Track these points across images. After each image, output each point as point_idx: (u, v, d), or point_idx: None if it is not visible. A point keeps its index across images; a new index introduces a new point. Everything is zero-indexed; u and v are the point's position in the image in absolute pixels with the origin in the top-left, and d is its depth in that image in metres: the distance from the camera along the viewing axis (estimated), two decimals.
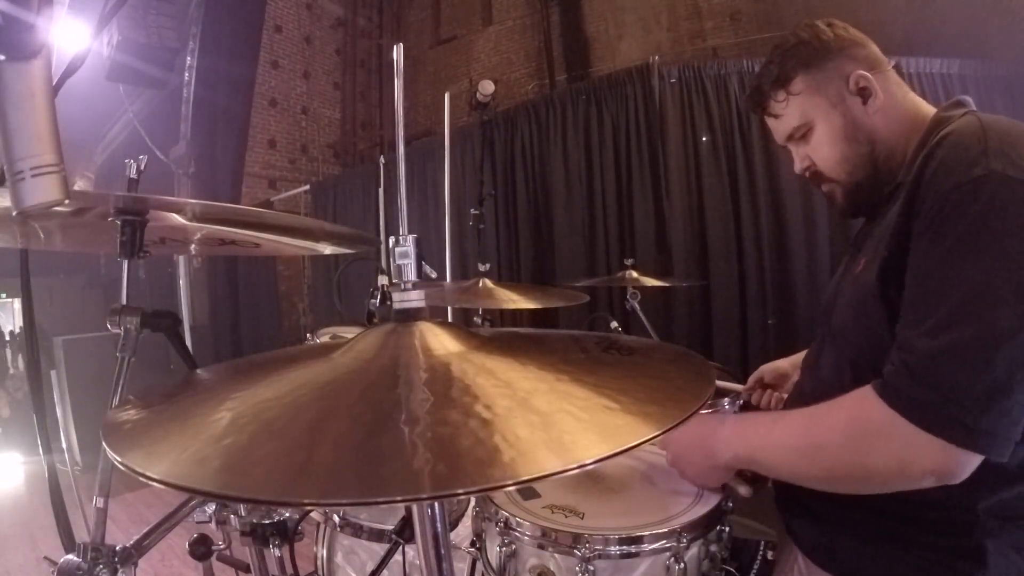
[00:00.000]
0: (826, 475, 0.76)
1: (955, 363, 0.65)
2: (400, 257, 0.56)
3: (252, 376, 0.59)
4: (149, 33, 4.62)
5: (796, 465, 0.79)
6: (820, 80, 0.89)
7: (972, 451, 0.65)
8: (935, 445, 0.65)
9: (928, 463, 0.67)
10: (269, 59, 7.23)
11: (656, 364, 0.58)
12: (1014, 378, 0.63)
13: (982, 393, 0.63)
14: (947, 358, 0.65)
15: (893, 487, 0.71)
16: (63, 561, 0.67)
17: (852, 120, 0.88)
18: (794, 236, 2.99)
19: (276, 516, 1.01)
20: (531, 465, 0.36)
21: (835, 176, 0.92)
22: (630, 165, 3.36)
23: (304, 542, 1.08)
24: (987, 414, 0.63)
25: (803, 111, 0.91)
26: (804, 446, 0.77)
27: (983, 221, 0.65)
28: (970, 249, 0.66)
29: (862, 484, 0.74)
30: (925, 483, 0.68)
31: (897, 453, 0.68)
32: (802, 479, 0.79)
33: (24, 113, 0.45)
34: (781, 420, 0.84)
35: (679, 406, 0.44)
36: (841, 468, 0.74)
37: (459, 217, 3.28)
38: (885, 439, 0.69)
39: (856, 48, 0.90)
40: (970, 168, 0.67)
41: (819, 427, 0.76)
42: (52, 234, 0.98)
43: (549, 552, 0.82)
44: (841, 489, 0.77)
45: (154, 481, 0.36)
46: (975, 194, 0.66)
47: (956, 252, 0.66)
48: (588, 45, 6.67)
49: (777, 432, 0.81)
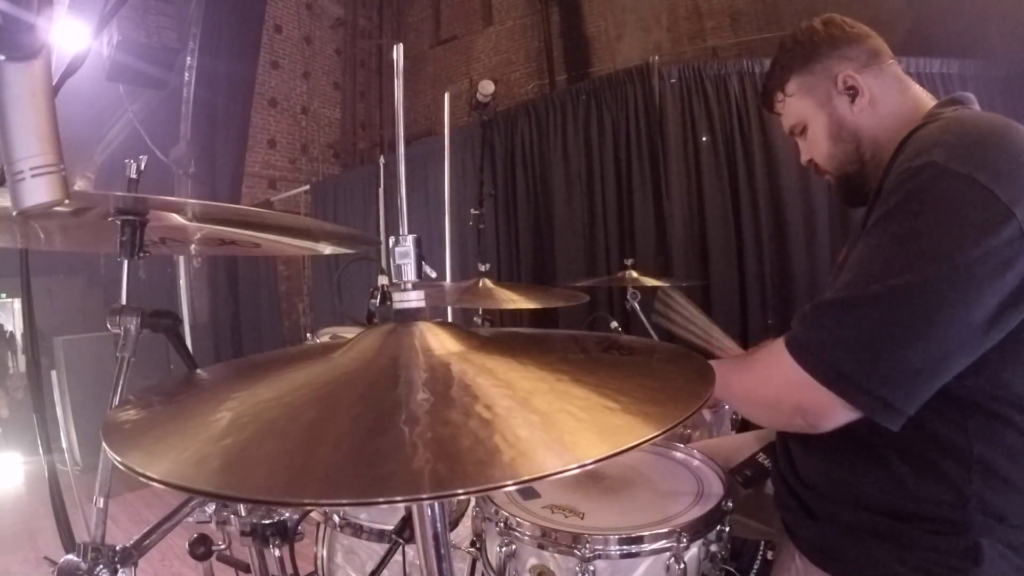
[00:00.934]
0: (747, 405, 0.90)
1: (834, 312, 0.74)
2: (400, 257, 0.56)
3: (252, 376, 0.59)
4: (149, 33, 4.61)
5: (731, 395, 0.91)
6: (810, 82, 0.94)
7: (835, 394, 0.71)
8: (803, 378, 0.73)
9: (796, 396, 0.75)
10: (269, 59, 7.23)
11: (656, 364, 0.58)
12: (882, 335, 0.68)
13: (849, 341, 0.71)
14: (830, 307, 0.74)
15: (783, 419, 0.83)
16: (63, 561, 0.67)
17: (837, 119, 0.92)
18: (794, 236, 2.99)
19: (276, 516, 1.01)
20: (531, 465, 0.36)
21: (828, 170, 0.98)
22: (630, 165, 3.36)
23: (304, 542, 1.08)
24: (851, 361, 0.70)
25: (797, 111, 0.97)
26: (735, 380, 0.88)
27: (903, 202, 0.70)
28: (887, 224, 0.72)
29: (767, 414, 0.88)
30: (797, 421, 0.77)
31: (778, 383, 0.79)
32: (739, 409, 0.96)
33: (24, 113, 0.45)
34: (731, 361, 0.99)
35: (679, 406, 0.44)
36: (753, 398, 0.87)
37: (459, 217, 3.28)
38: (774, 369, 0.79)
39: (851, 45, 0.92)
40: (915, 158, 0.72)
41: (746, 365, 0.90)
42: (52, 234, 0.98)
43: (549, 552, 0.82)
44: (759, 419, 0.92)
45: (154, 481, 0.36)
46: (908, 179, 0.71)
47: (877, 226, 0.73)
48: (588, 45, 6.67)
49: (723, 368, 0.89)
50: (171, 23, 4.75)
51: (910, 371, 0.68)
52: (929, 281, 0.67)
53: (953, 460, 0.73)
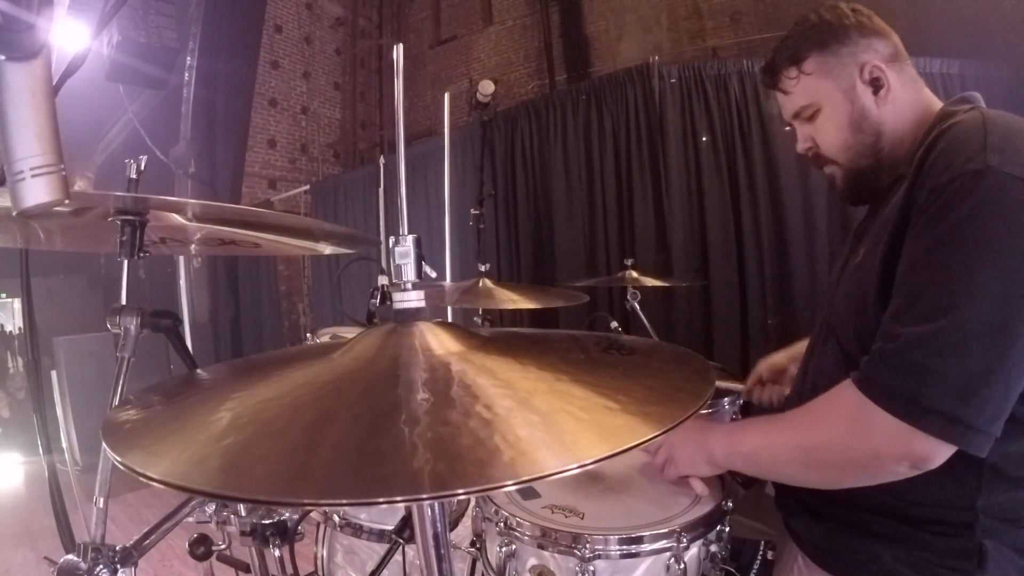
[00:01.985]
0: (813, 472, 0.78)
1: (930, 351, 0.65)
2: (400, 257, 0.56)
3: (252, 376, 0.59)
4: (149, 33, 4.62)
5: (785, 464, 0.80)
6: (833, 64, 0.89)
7: (946, 441, 0.65)
8: (906, 433, 0.66)
9: (901, 451, 0.67)
10: (269, 59, 7.22)
11: (656, 364, 0.58)
12: (992, 371, 0.63)
13: (957, 382, 0.63)
14: (922, 346, 0.65)
15: (875, 478, 0.72)
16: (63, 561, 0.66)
17: (860, 109, 0.88)
18: (794, 236, 2.99)
19: (276, 516, 1.01)
20: (531, 465, 0.36)
21: (837, 159, 0.92)
22: (630, 165, 3.36)
23: (304, 542, 1.08)
24: (963, 404, 0.63)
25: (812, 91, 0.91)
26: (792, 446, 0.78)
27: (973, 215, 0.66)
28: (958, 242, 0.66)
29: (844, 477, 0.75)
30: (902, 470, 0.69)
31: (872, 442, 0.69)
32: (792, 479, 0.81)
33: (24, 113, 0.45)
34: (772, 421, 0.85)
35: (679, 406, 0.44)
36: (825, 463, 0.75)
37: (459, 217, 3.28)
38: (860, 428, 0.70)
39: (876, 38, 0.89)
40: (967, 162, 0.68)
41: (804, 426, 0.78)
42: (52, 234, 0.98)
43: (549, 552, 0.82)
44: (829, 484, 0.78)
45: (154, 481, 0.36)
46: (969, 188, 0.66)
47: (944, 244, 0.67)
48: (588, 45, 6.67)
49: (768, 433, 0.83)
50: (171, 23, 4.76)
51: (1010, 398, 0.65)
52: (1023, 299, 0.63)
53: (961, 460, 0.70)
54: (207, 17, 5.54)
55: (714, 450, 0.87)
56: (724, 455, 0.86)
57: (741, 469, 0.87)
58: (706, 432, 0.90)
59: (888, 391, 0.67)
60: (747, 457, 0.84)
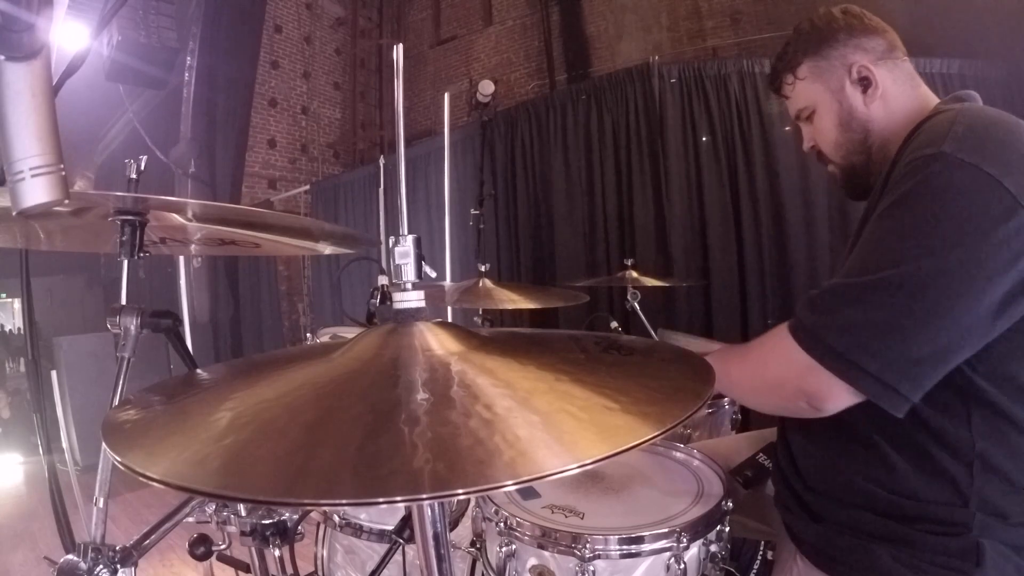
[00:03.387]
0: (752, 395, 0.91)
1: (840, 298, 0.73)
2: (400, 257, 0.56)
3: (252, 376, 0.59)
4: (149, 33, 4.61)
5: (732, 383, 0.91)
6: (823, 67, 0.93)
7: (839, 377, 0.71)
8: (806, 365, 0.73)
9: (801, 379, 0.75)
10: (269, 59, 7.22)
11: (656, 364, 0.58)
12: (893, 326, 0.68)
13: (856, 328, 0.70)
14: (836, 293, 0.74)
15: (786, 406, 0.82)
16: (63, 561, 0.67)
17: (849, 108, 0.92)
18: (794, 235, 2.99)
19: (276, 516, 1.01)
20: (531, 465, 0.36)
21: (833, 158, 0.97)
22: (630, 165, 3.36)
23: (304, 542, 1.08)
24: (858, 349, 0.69)
25: (807, 95, 0.96)
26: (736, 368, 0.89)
27: (913, 191, 0.71)
28: (894, 214, 0.72)
29: (767, 401, 0.87)
30: (802, 405, 0.76)
31: (780, 367, 0.79)
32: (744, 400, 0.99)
33: (24, 113, 0.45)
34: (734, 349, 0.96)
35: (679, 406, 0.44)
36: (755, 384, 0.87)
37: (459, 217, 3.28)
38: (777, 357, 0.80)
39: (867, 37, 0.91)
40: (925, 148, 0.72)
41: (748, 352, 0.89)
42: (52, 234, 0.98)
43: (549, 552, 0.82)
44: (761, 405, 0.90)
45: (154, 481, 0.36)
46: (918, 169, 0.71)
47: (883, 216, 0.73)
48: (588, 45, 6.67)
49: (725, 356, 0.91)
50: (171, 23, 4.75)
51: (917, 358, 0.68)
52: (939, 270, 0.67)
53: (955, 457, 0.73)
54: (207, 17, 5.54)
55: None
56: None
57: (719, 389, 0.96)
58: None
59: (800, 325, 0.75)
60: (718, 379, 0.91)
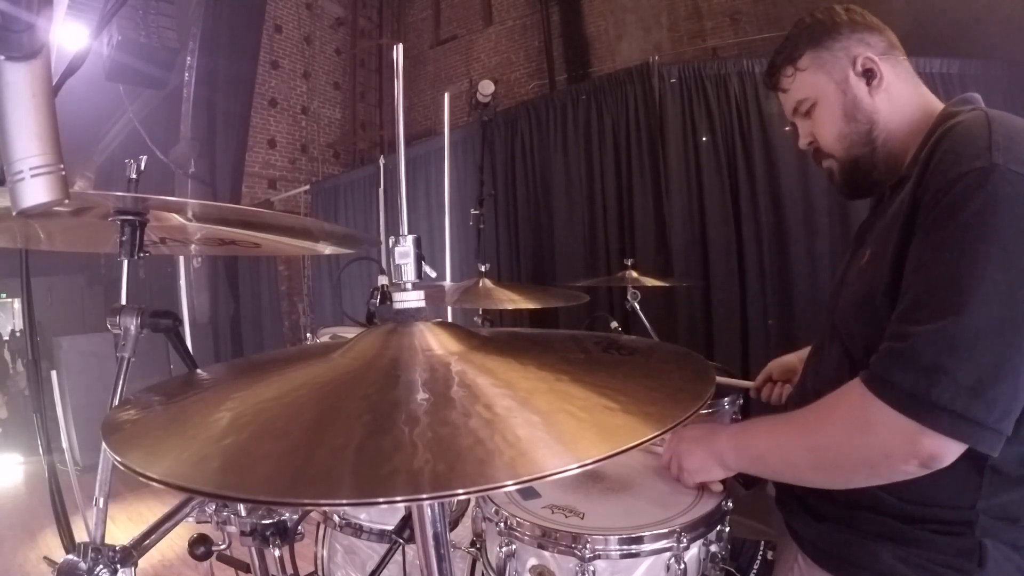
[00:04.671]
0: (823, 473, 0.78)
1: (940, 349, 0.65)
2: (400, 257, 0.56)
3: (252, 376, 0.59)
4: (149, 33, 4.61)
5: (795, 466, 0.81)
6: (826, 58, 0.92)
7: (956, 439, 0.65)
8: (916, 431, 0.66)
9: (910, 450, 0.67)
10: (269, 59, 7.23)
11: (656, 364, 0.58)
12: (1001, 368, 0.63)
13: (967, 380, 0.63)
14: (933, 344, 0.65)
15: (884, 477, 0.71)
16: (63, 561, 0.66)
17: (853, 99, 0.90)
18: (794, 236, 2.99)
19: (276, 516, 1.01)
20: (531, 465, 0.36)
21: (833, 151, 0.94)
22: (630, 165, 3.36)
23: (304, 542, 1.08)
24: (974, 402, 0.63)
25: (808, 86, 0.94)
26: (802, 447, 0.78)
27: (981, 212, 0.66)
28: (966, 239, 0.66)
29: (855, 478, 0.75)
30: (912, 469, 0.69)
31: (881, 441, 0.69)
32: (804, 480, 0.81)
33: (24, 113, 0.45)
34: (780, 422, 0.85)
35: (679, 406, 0.44)
36: (835, 464, 0.75)
37: (459, 217, 3.28)
38: (871, 429, 0.69)
39: (869, 33, 0.91)
40: (974, 159, 0.68)
41: (812, 426, 0.78)
42: (52, 234, 0.98)
43: (549, 552, 0.82)
44: (840, 484, 0.77)
45: (154, 481, 0.36)
46: (977, 185, 0.66)
47: (953, 242, 0.67)
48: (588, 45, 6.67)
49: (776, 435, 0.83)
50: (171, 23, 4.75)
51: (1020, 397, 0.65)
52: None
53: (968, 461, 0.70)
54: (207, 17, 5.54)
55: (724, 454, 0.87)
56: (735, 458, 0.86)
57: (752, 471, 0.87)
58: (713, 436, 0.90)
59: (898, 389, 0.67)
60: (757, 460, 0.85)
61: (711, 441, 0.89)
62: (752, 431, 0.88)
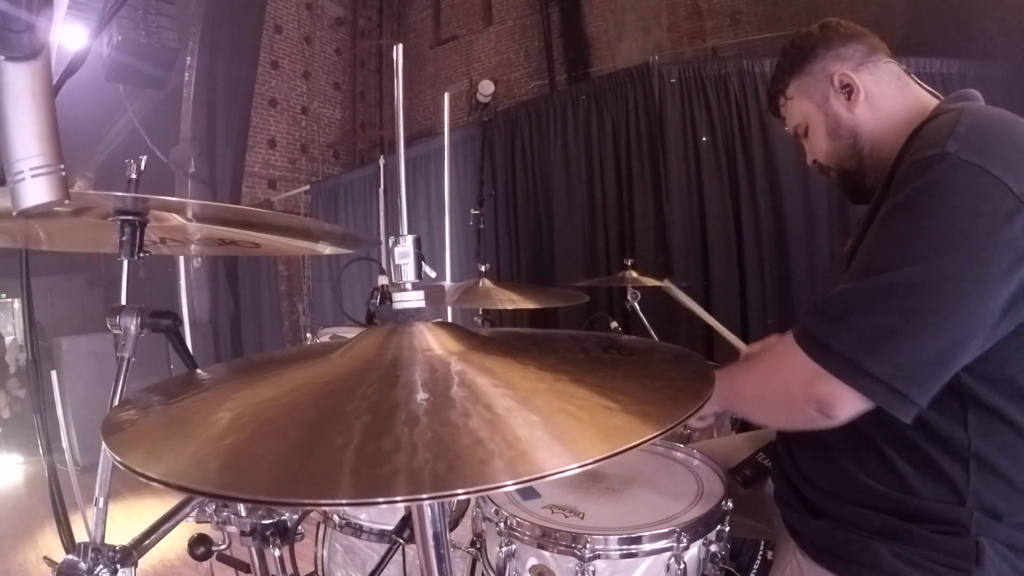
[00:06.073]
0: (757, 407, 0.89)
1: (846, 304, 0.72)
2: (400, 257, 0.56)
3: (252, 376, 0.59)
4: (149, 33, 4.61)
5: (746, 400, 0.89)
6: (808, 83, 0.97)
7: (847, 384, 0.70)
8: (814, 373, 0.72)
9: (810, 389, 0.73)
10: (269, 59, 7.23)
11: (656, 364, 0.58)
12: (900, 329, 0.67)
13: (863, 333, 0.69)
14: (843, 299, 0.73)
15: (798, 419, 0.80)
16: (63, 561, 0.66)
17: (834, 117, 0.94)
18: (794, 236, 2.99)
19: (276, 516, 1.01)
20: (531, 465, 0.36)
21: (829, 166, 0.99)
22: (630, 165, 3.36)
23: (304, 542, 1.08)
24: (867, 354, 0.69)
25: (797, 112, 1.00)
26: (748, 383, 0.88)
27: (918, 191, 0.70)
28: (899, 215, 0.72)
29: (777, 413, 0.85)
30: (812, 412, 0.74)
31: (790, 379, 0.77)
32: (751, 415, 0.92)
33: (24, 113, 0.45)
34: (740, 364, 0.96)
35: (679, 406, 0.44)
36: (763, 398, 0.86)
37: (459, 217, 3.28)
38: (784, 367, 0.79)
39: (845, 45, 0.94)
40: (929, 148, 0.72)
41: (753, 364, 0.89)
42: (52, 234, 0.98)
43: (549, 552, 0.82)
44: (772, 422, 0.91)
45: (154, 481, 0.36)
46: (923, 170, 0.71)
47: (888, 216, 0.73)
48: (588, 45, 6.68)
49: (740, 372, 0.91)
50: (171, 23, 4.75)
51: (925, 362, 0.68)
52: (945, 272, 0.66)
53: (951, 456, 0.73)
54: (207, 17, 5.54)
55: None
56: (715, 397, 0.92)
57: (727, 406, 0.93)
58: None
59: (808, 334, 0.74)
60: (724, 396, 0.90)
61: None
62: (729, 370, 0.93)
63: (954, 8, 3.42)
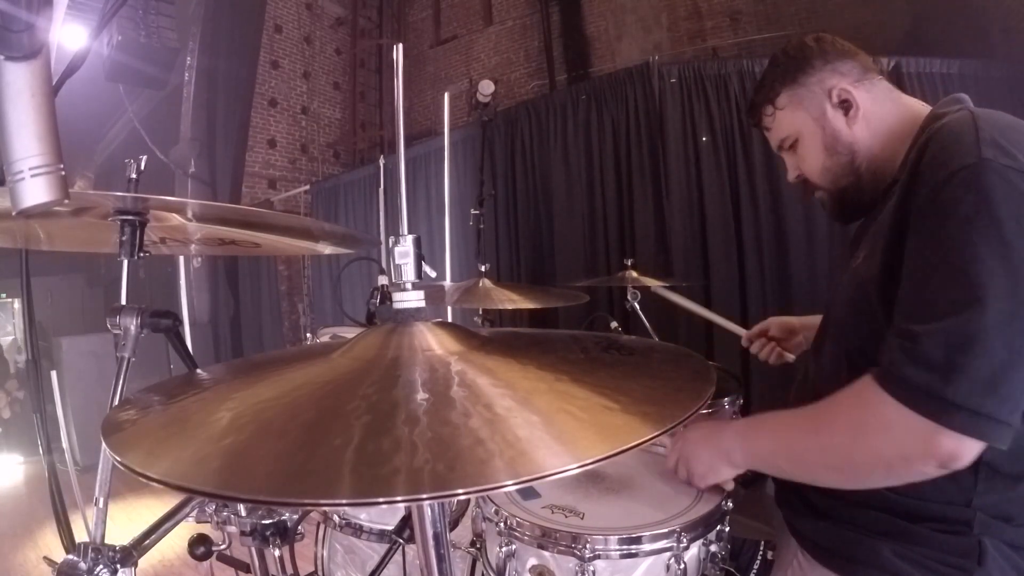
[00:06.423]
0: (836, 473, 0.76)
1: (952, 346, 0.64)
2: (400, 257, 0.56)
3: (252, 376, 0.59)
4: (149, 33, 4.62)
5: (807, 466, 0.79)
6: (803, 95, 0.93)
7: (974, 437, 0.64)
8: (933, 431, 0.65)
9: (928, 450, 0.66)
10: (269, 59, 7.23)
11: (656, 364, 0.58)
12: (1012, 362, 0.63)
13: (982, 376, 0.63)
14: (944, 341, 0.65)
15: (902, 477, 0.71)
16: (63, 561, 0.66)
17: (832, 133, 0.91)
18: (794, 236, 2.99)
19: (276, 516, 1.01)
20: (531, 465, 0.36)
21: (822, 184, 0.95)
22: (630, 165, 3.35)
23: (304, 542, 1.08)
24: (988, 398, 0.63)
25: (788, 124, 0.96)
26: (814, 447, 0.77)
27: (978, 209, 0.66)
28: (967, 237, 0.66)
29: (870, 477, 0.74)
30: (929, 470, 0.68)
31: (899, 442, 0.68)
32: (816, 479, 0.80)
33: (24, 113, 0.45)
34: (787, 420, 0.83)
35: (678, 406, 0.44)
36: (849, 464, 0.74)
37: (459, 217, 3.28)
38: (887, 429, 0.68)
39: (840, 61, 0.92)
40: (963, 158, 0.68)
41: (824, 425, 0.76)
42: (52, 234, 0.98)
43: (549, 552, 0.82)
44: (852, 484, 0.77)
45: (154, 481, 0.36)
46: (970, 182, 0.67)
47: (953, 240, 0.67)
48: (588, 45, 6.68)
49: (785, 433, 0.82)
50: (171, 23, 4.76)
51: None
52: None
53: None
54: (207, 17, 5.54)
55: (732, 453, 0.86)
56: (743, 457, 0.85)
57: (762, 470, 0.86)
58: (718, 435, 0.88)
59: (913, 388, 0.66)
60: (766, 459, 0.84)
61: (716, 440, 0.88)
62: (759, 428, 0.86)
63: (954, 8, 3.42)
